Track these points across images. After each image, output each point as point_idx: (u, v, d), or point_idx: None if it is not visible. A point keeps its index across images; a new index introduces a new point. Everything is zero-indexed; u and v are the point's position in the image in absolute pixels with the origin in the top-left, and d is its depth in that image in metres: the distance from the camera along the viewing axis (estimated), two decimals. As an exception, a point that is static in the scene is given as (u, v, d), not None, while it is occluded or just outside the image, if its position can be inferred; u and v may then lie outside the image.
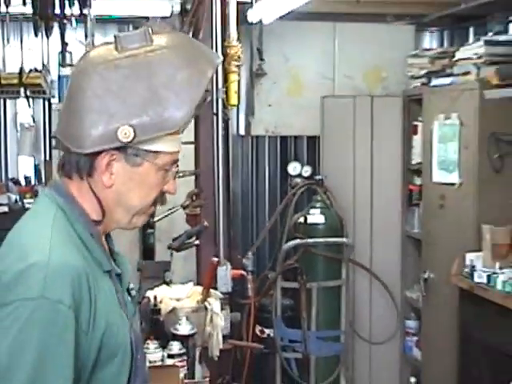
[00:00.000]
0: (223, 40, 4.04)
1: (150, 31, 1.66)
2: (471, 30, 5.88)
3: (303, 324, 5.15)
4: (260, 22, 5.05)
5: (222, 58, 3.91)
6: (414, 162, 5.54)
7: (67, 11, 4.32)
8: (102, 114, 1.59)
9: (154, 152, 1.64)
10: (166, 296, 3.26)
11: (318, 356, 5.21)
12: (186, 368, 3.02)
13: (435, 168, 4.93)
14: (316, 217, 5.20)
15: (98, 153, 1.62)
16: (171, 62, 1.63)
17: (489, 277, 4.07)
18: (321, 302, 5.22)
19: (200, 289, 3.40)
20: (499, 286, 3.95)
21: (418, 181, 5.54)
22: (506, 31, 5.33)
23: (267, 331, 5.15)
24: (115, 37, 1.66)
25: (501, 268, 4.12)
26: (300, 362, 5.22)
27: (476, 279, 4.16)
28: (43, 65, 4.78)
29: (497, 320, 4.04)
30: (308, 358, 5.18)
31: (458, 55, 4.76)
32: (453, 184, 4.70)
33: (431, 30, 6.20)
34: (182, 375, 2.96)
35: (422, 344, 5.41)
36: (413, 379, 5.59)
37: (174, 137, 1.66)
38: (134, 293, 1.81)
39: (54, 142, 4.78)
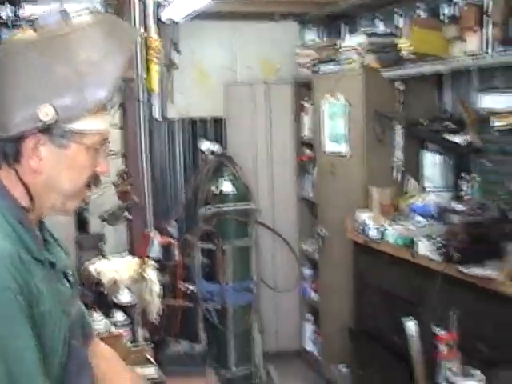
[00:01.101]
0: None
1: (68, 11, 1.27)
2: (343, 26, 5.61)
3: (220, 279, 4.81)
4: (175, 21, 4.58)
5: (142, 31, 3.46)
6: (304, 137, 5.23)
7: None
8: (22, 94, 1.21)
9: (80, 132, 1.26)
10: (107, 269, 2.80)
11: (234, 305, 4.87)
12: (130, 334, 2.62)
13: (327, 141, 4.61)
14: (227, 187, 4.82)
15: (24, 137, 1.24)
16: (91, 40, 1.25)
17: (381, 232, 3.79)
18: (234, 259, 4.87)
19: (136, 260, 2.95)
20: (391, 240, 3.67)
21: (308, 152, 5.25)
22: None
23: (190, 287, 4.76)
24: (32, 19, 1.27)
25: (389, 224, 3.85)
26: (219, 311, 4.87)
27: (370, 234, 3.87)
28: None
29: (388, 267, 3.78)
30: (226, 307, 4.85)
31: (343, 45, 4.44)
32: (343, 154, 4.40)
33: (311, 26, 5.87)
34: (126, 341, 2.56)
35: (318, 288, 5.15)
36: (309, 316, 5.41)
37: (100, 115, 1.27)
38: (71, 278, 1.42)
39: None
